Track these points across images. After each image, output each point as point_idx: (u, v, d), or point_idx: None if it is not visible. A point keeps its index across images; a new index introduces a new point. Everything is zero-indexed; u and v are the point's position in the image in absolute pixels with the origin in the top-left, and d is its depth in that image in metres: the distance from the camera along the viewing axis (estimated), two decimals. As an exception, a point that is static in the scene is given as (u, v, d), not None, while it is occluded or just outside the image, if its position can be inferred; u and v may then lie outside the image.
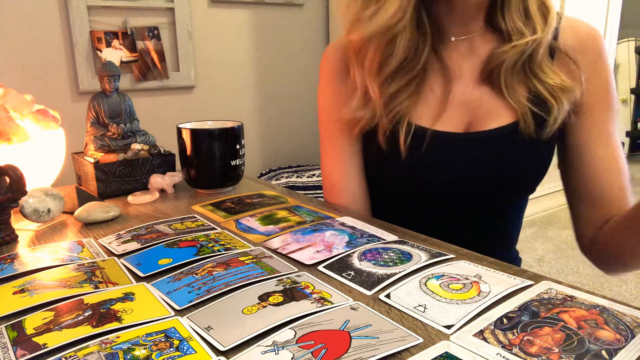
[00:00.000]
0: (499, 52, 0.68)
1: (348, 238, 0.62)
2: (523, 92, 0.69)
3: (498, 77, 0.70)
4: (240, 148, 0.87)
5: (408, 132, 0.70)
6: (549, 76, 0.68)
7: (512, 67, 0.68)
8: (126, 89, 1.93)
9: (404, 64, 0.69)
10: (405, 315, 0.45)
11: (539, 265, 2.25)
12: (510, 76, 0.69)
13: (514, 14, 0.68)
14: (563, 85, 0.68)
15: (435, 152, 0.71)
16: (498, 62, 0.69)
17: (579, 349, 0.38)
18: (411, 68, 0.70)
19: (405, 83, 0.70)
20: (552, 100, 0.68)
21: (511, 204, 0.79)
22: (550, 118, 0.68)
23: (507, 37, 0.69)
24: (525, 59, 0.68)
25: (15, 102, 0.80)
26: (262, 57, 2.31)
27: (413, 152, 0.70)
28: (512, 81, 0.69)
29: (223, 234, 0.66)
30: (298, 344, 0.40)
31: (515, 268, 0.53)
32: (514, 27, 0.68)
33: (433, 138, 0.70)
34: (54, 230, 0.71)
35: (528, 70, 0.69)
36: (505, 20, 0.69)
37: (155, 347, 0.40)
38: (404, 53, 0.68)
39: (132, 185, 0.87)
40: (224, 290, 0.49)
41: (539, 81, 0.68)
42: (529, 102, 0.68)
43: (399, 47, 0.68)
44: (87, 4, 1.81)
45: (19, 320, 0.45)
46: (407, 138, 0.70)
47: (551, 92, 0.68)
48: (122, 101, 0.89)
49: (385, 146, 0.72)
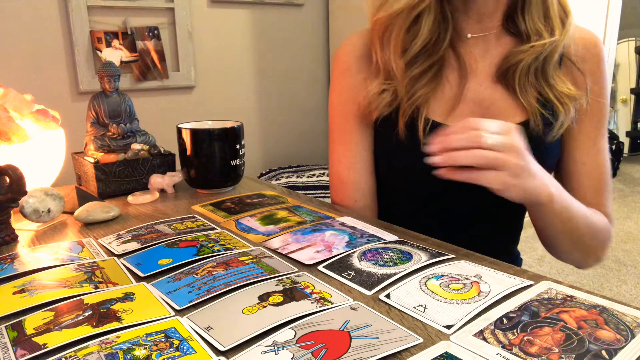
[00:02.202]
0: (517, 50, 0.70)
1: (348, 238, 0.62)
2: (534, 94, 0.71)
3: (513, 76, 0.71)
4: (240, 148, 0.87)
5: (426, 125, 0.71)
6: (558, 83, 0.71)
7: (527, 68, 0.70)
8: (126, 89, 1.93)
9: (427, 47, 0.71)
10: (405, 315, 0.45)
11: (539, 265, 2.25)
12: (525, 77, 0.71)
13: (534, 15, 0.70)
14: (570, 93, 0.70)
15: None
16: (515, 61, 0.70)
17: (579, 349, 0.38)
18: (433, 53, 0.71)
19: (426, 68, 0.72)
20: (560, 106, 0.70)
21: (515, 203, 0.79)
22: (556, 123, 0.70)
23: (526, 38, 0.71)
24: (540, 62, 0.70)
25: (15, 102, 0.80)
26: (262, 57, 2.31)
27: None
28: (526, 83, 0.71)
29: (223, 234, 0.66)
30: (298, 344, 0.40)
31: (515, 268, 0.53)
32: (533, 27, 0.70)
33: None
34: (54, 230, 0.71)
35: (540, 74, 0.71)
36: (526, 20, 0.71)
37: (155, 347, 0.40)
38: (428, 34, 0.70)
39: (132, 185, 0.87)
40: (224, 290, 0.49)
41: (548, 86, 0.71)
42: (539, 104, 0.70)
43: (424, 27, 0.69)
44: (87, 4, 1.81)
45: (19, 320, 0.45)
46: (426, 129, 0.71)
47: (559, 98, 0.70)
48: (122, 101, 0.89)
49: (404, 134, 0.73)
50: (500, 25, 0.73)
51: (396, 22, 0.71)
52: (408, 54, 0.71)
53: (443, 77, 0.74)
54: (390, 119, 0.74)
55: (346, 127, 0.79)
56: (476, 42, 0.74)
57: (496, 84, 0.73)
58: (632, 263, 2.27)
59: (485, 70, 0.74)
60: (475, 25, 0.73)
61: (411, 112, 0.72)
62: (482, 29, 0.73)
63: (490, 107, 0.73)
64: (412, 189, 0.78)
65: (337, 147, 0.81)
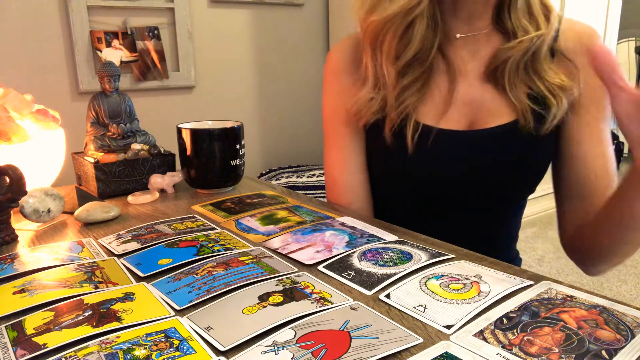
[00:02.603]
0: (505, 48, 0.70)
1: (348, 238, 0.62)
2: (524, 90, 0.70)
3: (502, 74, 0.71)
4: (240, 148, 0.87)
5: (415, 130, 0.71)
6: (549, 75, 0.70)
7: (516, 64, 0.70)
8: (126, 89, 1.93)
9: (419, 54, 0.70)
10: (405, 315, 0.45)
11: (539, 265, 2.25)
12: (514, 74, 0.70)
13: (519, 12, 0.70)
14: (562, 84, 0.69)
15: (439, 149, 0.72)
16: (504, 59, 0.70)
17: (579, 349, 0.38)
18: (423, 61, 0.71)
19: (417, 77, 0.71)
20: (552, 98, 0.69)
21: (512, 202, 0.80)
22: (549, 115, 0.69)
23: (513, 35, 0.70)
24: (529, 56, 0.69)
25: (15, 102, 0.80)
26: (262, 57, 2.31)
27: (418, 148, 0.71)
28: (515, 79, 0.71)
29: (223, 234, 0.66)
30: (298, 344, 0.40)
31: (515, 268, 0.53)
32: (519, 25, 0.70)
33: (438, 135, 0.71)
34: (54, 230, 0.71)
35: (530, 68, 0.70)
36: (512, 18, 0.71)
37: (155, 347, 0.40)
38: (420, 42, 0.69)
39: (132, 185, 0.87)
40: (224, 290, 0.49)
41: (539, 79, 0.70)
42: (530, 99, 0.70)
43: (417, 33, 0.69)
44: (87, 4, 1.81)
45: (19, 320, 0.45)
46: (415, 135, 0.71)
47: (551, 90, 0.69)
48: (122, 101, 0.89)
49: (391, 140, 0.72)
50: (491, 24, 0.73)
51: (390, 27, 0.69)
52: (400, 61, 0.70)
53: (432, 83, 0.73)
54: (378, 125, 0.74)
55: (339, 131, 0.79)
56: (465, 43, 0.73)
57: (486, 84, 0.73)
58: (632, 263, 2.27)
59: (474, 70, 0.73)
60: (464, 26, 0.72)
61: (402, 118, 0.71)
62: (472, 29, 0.73)
63: (480, 107, 0.72)
64: (404, 193, 0.78)
65: (330, 151, 0.81)
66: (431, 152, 0.71)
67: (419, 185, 0.75)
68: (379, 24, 0.70)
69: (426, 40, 0.69)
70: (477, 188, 0.74)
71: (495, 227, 0.80)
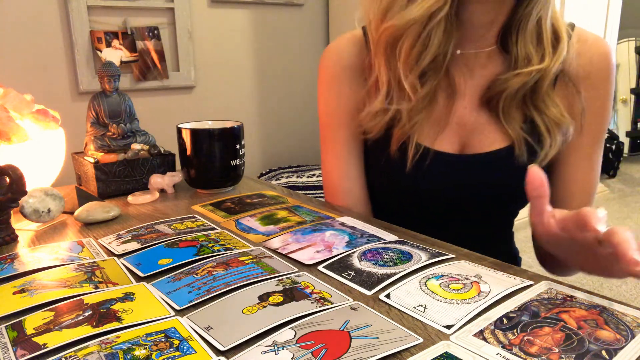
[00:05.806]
0: (502, 79, 0.68)
1: (348, 238, 0.62)
2: (519, 120, 0.69)
3: (497, 104, 0.69)
4: (240, 148, 0.87)
5: (416, 151, 0.71)
6: (548, 107, 0.68)
7: (512, 96, 0.68)
8: (126, 89, 1.93)
9: (435, 61, 0.67)
10: (405, 315, 0.45)
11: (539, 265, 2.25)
12: (509, 104, 0.69)
13: (527, 37, 0.67)
14: (559, 120, 0.68)
15: (435, 171, 0.72)
16: (499, 90, 0.68)
17: (579, 349, 0.38)
18: (438, 69, 0.68)
19: (427, 92, 0.69)
20: (547, 135, 0.68)
21: (511, 215, 0.82)
22: (542, 152, 0.69)
23: (514, 62, 0.68)
24: (527, 89, 0.68)
25: (15, 102, 0.80)
26: (262, 57, 2.31)
27: (416, 167, 0.72)
28: (510, 108, 0.69)
29: (223, 234, 0.66)
30: (298, 344, 0.40)
31: (515, 268, 0.53)
32: (524, 51, 0.67)
33: (434, 158, 0.71)
34: (54, 230, 0.71)
35: (529, 100, 0.69)
36: (517, 43, 0.68)
37: (155, 347, 0.40)
38: (437, 47, 0.66)
39: (132, 185, 0.87)
40: (224, 290, 0.49)
41: (537, 112, 0.69)
42: (524, 131, 0.69)
43: (434, 39, 0.65)
44: (87, 4, 1.81)
45: (19, 320, 0.45)
46: (415, 156, 0.71)
47: (547, 127, 0.68)
48: (122, 101, 0.89)
49: (394, 157, 0.72)
50: (495, 44, 0.70)
51: (409, 33, 0.65)
52: (419, 66, 0.67)
53: (434, 101, 0.71)
54: (381, 140, 0.73)
55: (336, 137, 0.79)
56: (467, 60, 0.71)
57: (481, 109, 0.72)
58: (632, 263, 2.26)
59: (472, 92, 0.72)
60: (468, 44, 0.70)
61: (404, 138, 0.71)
62: (475, 47, 0.70)
63: (473, 132, 0.72)
64: (402, 202, 0.78)
65: (328, 157, 0.81)
66: (427, 172, 0.72)
67: (416, 197, 0.76)
68: (397, 29, 0.66)
69: (442, 44, 0.66)
70: (472, 205, 0.75)
71: (493, 232, 0.82)
